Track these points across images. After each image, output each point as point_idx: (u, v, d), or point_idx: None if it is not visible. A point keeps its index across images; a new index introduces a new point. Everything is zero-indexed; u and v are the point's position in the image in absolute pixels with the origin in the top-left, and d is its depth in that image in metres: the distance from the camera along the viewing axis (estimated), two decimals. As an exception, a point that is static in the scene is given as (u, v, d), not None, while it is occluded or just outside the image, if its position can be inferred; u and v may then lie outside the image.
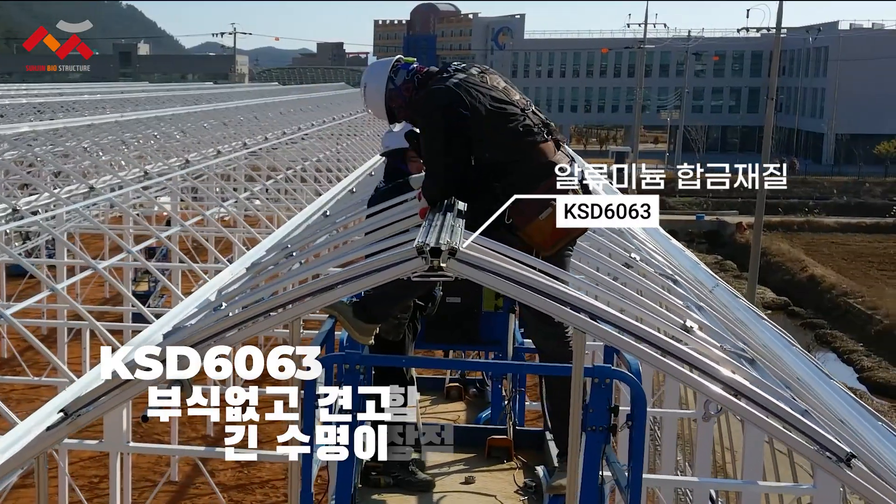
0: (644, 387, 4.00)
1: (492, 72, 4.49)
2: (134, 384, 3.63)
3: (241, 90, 62.68)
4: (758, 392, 3.26)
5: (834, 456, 3.13)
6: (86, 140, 21.02)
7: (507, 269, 3.37)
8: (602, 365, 4.03)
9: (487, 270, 3.36)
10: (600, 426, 3.78)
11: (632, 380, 3.86)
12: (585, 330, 3.31)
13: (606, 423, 3.79)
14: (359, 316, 4.30)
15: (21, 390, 13.97)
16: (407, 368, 4.92)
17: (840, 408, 4.41)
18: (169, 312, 6.15)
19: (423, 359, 4.28)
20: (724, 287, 7.78)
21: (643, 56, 61.85)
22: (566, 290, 3.35)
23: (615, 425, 3.81)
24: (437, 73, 4.46)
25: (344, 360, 4.05)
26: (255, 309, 3.62)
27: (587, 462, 3.80)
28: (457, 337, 5.58)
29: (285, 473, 12.38)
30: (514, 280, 3.33)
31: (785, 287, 35.96)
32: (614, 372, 3.90)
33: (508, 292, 3.36)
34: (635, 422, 3.80)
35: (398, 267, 3.33)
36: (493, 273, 3.36)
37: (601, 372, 3.83)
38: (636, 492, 3.72)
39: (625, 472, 3.95)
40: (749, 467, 6.22)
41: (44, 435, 3.68)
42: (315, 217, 8.37)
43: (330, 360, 4.13)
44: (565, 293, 3.34)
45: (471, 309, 5.49)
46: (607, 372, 3.87)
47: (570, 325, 3.41)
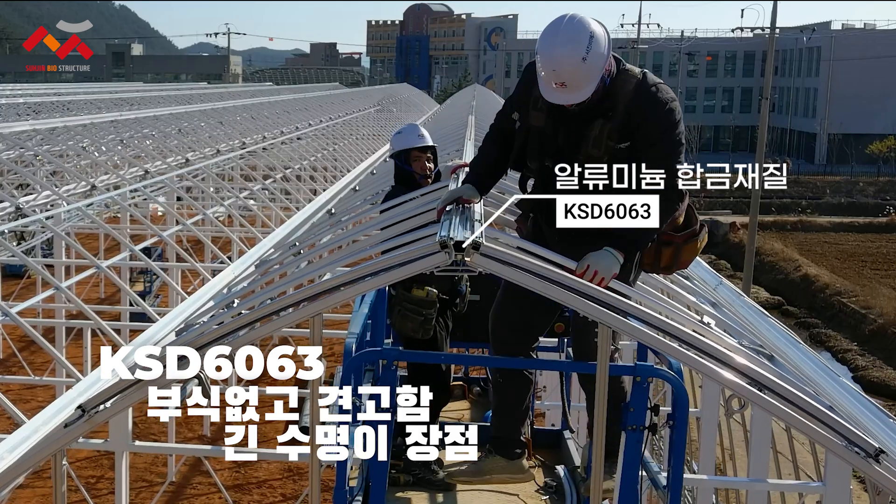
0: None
1: None
2: (153, 381, 3.60)
3: (236, 90, 62.53)
4: (785, 387, 3.24)
5: (862, 451, 3.11)
6: (84, 139, 20.94)
7: (530, 264, 3.34)
8: (644, 363, 3.92)
9: (511, 265, 3.34)
10: (640, 425, 3.70)
11: (675, 379, 3.78)
12: (609, 324, 3.28)
13: (646, 422, 3.72)
14: (500, 452, 4.31)
15: (16, 391, 13.88)
16: (447, 373, 4.88)
17: (853, 406, 4.39)
18: (173, 310, 6.10)
19: (459, 356, 4.22)
20: (727, 285, 7.78)
21: (636, 56, 61.93)
22: (591, 286, 3.33)
23: (655, 424, 3.73)
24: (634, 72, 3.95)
25: (381, 356, 3.96)
26: (273, 306, 3.59)
27: (626, 462, 3.73)
28: (475, 335, 5.54)
29: (282, 473, 12.38)
30: (538, 274, 3.31)
31: (778, 287, 36.04)
32: (657, 370, 3.81)
33: (532, 286, 3.33)
34: (677, 421, 3.72)
35: (422, 261, 3.30)
36: (516, 267, 3.33)
37: (643, 370, 3.75)
38: (676, 492, 3.66)
39: (661, 472, 3.90)
40: (755, 465, 6.20)
41: (61, 432, 3.64)
42: (319, 215, 8.33)
43: (366, 357, 4.07)
44: (591, 288, 3.32)
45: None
46: (650, 371, 3.78)
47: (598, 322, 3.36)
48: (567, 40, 3.65)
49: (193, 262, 13.95)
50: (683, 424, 3.71)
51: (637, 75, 3.86)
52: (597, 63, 3.68)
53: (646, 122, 3.78)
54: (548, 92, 3.76)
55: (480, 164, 4.22)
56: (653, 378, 3.76)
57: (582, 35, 3.66)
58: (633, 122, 3.79)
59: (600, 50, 3.69)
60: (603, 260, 3.64)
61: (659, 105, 3.81)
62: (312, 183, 21.95)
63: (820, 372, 4.92)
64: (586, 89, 3.71)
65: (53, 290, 11.29)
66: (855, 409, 4.24)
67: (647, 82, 3.84)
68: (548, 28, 3.77)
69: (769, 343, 5.15)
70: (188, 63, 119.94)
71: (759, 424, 5.92)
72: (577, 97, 3.73)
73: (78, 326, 12.49)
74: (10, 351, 15.30)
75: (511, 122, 4.10)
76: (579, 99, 3.73)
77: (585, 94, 3.72)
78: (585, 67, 3.66)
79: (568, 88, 3.69)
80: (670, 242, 4.01)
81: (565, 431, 5.08)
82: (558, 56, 3.66)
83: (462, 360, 4.17)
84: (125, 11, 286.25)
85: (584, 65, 3.64)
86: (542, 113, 3.94)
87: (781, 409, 3.23)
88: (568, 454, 4.83)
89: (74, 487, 9.43)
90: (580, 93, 3.72)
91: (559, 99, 3.74)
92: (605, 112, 3.82)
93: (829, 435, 3.16)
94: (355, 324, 4.49)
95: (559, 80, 3.67)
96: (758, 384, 3.30)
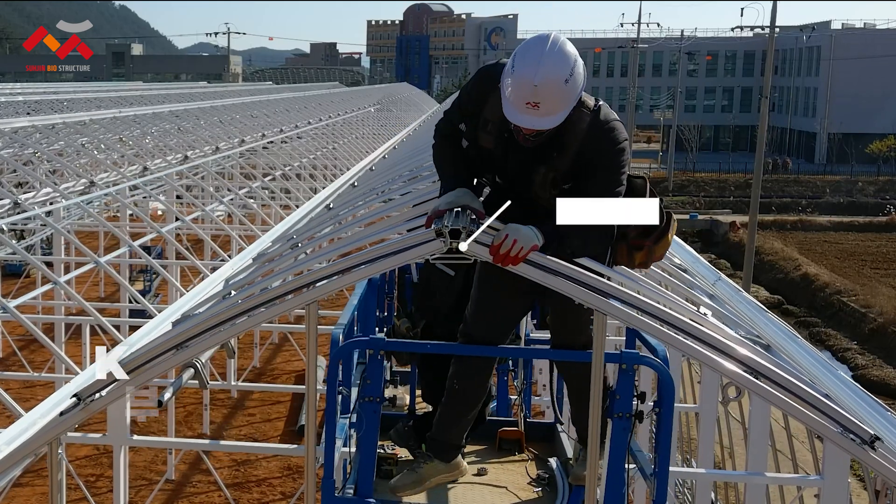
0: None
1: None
2: (146, 370, 3.60)
3: (236, 89, 62.53)
4: (781, 374, 3.24)
5: (858, 438, 3.11)
6: (83, 137, 20.95)
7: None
8: (629, 350, 3.89)
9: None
10: (626, 413, 3.68)
11: (659, 365, 3.75)
12: (608, 312, 3.28)
13: (633, 409, 3.69)
14: (438, 456, 4.22)
15: (16, 389, 13.88)
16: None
17: (848, 396, 4.39)
18: (173, 304, 6.11)
19: (448, 345, 4.18)
20: (726, 281, 7.79)
21: (636, 56, 61.96)
22: (587, 273, 3.33)
23: (641, 412, 3.70)
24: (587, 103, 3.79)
25: (368, 346, 3.94)
26: (268, 294, 3.58)
27: (613, 450, 3.72)
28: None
29: (282, 472, 12.38)
30: (536, 264, 3.31)
31: (778, 286, 36.07)
32: (642, 358, 3.79)
33: (530, 275, 3.34)
34: (663, 408, 3.70)
35: (418, 248, 3.30)
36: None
37: (629, 358, 3.72)
38: (663, 481, 3.63)
39: (649, 460, 3.89)
40: (753, 459, 6.20)
41: (57, 420, 3.64)
42: (318, 210, 8.34)
43: (353, 347, 4.06)
44: (586, 275, 3.32)
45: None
46: (635, 358, 3.75)
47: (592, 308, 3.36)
48: (553, 58, 3.48)
49: (193, 260, 13.91)
50: (669, 412, 3.70)
51: (590, 108, 3.69)
52: (575, 89, 3.53)
53: (596, 157, 3.65)
54: (514, 113, 3.53)
55: (452, 163, 3.96)
56: (638, 366, 3.75)
57: (568, 56, 3.51)
58: (582, 159, 3.66)
59: (580, 78, 3.54)
60: (522, 231, 3.45)
61: (611, 144, 3.67)
62: (312, 181, 21.96)
63: (816, 364, 4.93)
64: (559, 115, 3.53)
65: (52, 285, 11.27)
66: (850, 400, 4.25)
67: (601, 120, 3.69)
68: (529, 45, 3.57)
69: (766, 335, 5.15)
70: (188, 63, 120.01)
71: (758, 417, 5.93)
72: (547, 122, 3.52)
73: (77, 323, 12.48)
74: (10, 349, 15.30)
75: (459, 131, 3.94)
76: (548, 125, 3.53)
77: (556, 122, 3.53)
78: (565, 90, 3.49)
79: (540, 111, 3.48)
80: (641, 247, 3.98)
81: (558, 424, 5.07)
82: (542, 72, 3.45)
83: (451, 349, 4.11)
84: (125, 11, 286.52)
85: (565, 87, 3.48)
86: (491, 136, 3.77)
87: (778, 397, 3.23)
88: (561, 447, 4.82)
89: (74, 485, 9.44)
90: (551, 118, 3.52)
91: (527, 122, 3.52)
92: (556, 149, 3.67)
93: (824, 422, 3.16)
94: (344, 312, 4.48)
95: (535, 98, 3.46)
96: (754, 372, 3.31)
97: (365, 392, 3.91)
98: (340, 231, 5.83)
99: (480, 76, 3.84)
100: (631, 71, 63.90)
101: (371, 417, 3.89)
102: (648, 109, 77.55)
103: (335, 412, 3.75)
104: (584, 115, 3.65)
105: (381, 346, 3.88)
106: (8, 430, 4.41)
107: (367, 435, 3.93)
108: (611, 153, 3.66)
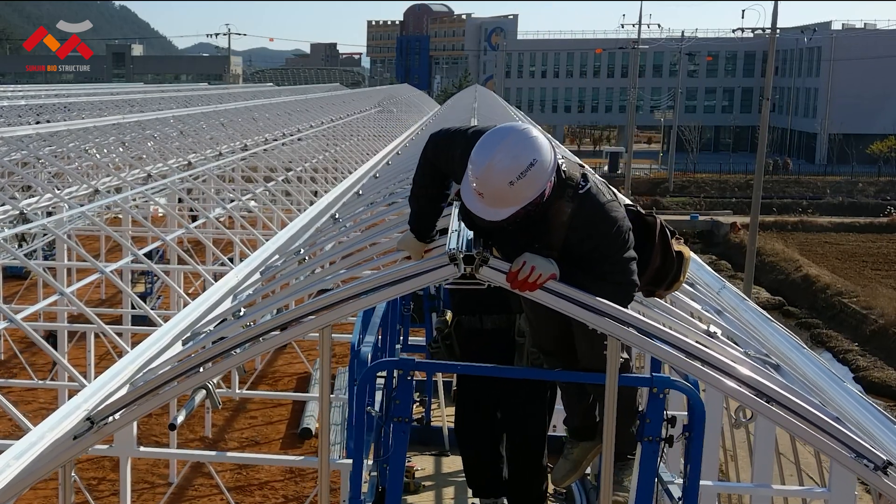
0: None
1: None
2: (163, 393, 3.60)
3: (237, 91, 62.52)
4: (792, 399, 3.25)
5: (871, 463, 3.11)
6: (86, 142, 20.97)
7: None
8: (660, 374, 3.89)
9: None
10: (656, 437, 3.67)
11: (691, 390, 3.76)
12: (621, 337, 3.28)
13: (662, 433, 3.69)
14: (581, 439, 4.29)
15: (18, 392, 13.89)
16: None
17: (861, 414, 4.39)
18: (177, 315, 6.11)
19: (476, 366, 4.18)
20: (731, 289, 7.78)
21: (637, 56, 61.92)
22: (605, 301, 3.33)
23: (671, 437, 3.70)
24: (573, 181, 3.59)
25: (397, 367, 3.91)
26: (281, 318, 3.58)
27: (643, 473, 3.71)
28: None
29: (283, 475, 12.38)
30: (550, 290, 3.31)
31: (779, 287, 36.07)
32: (674, 382, 3.77)
33: (544, 301, 3.34)
34: (693, 432, 3.70)
35: (431, 273, 3.30)
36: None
37: (661, 382, 3.70)
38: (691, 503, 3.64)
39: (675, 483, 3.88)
40: (759, 470, 6.21)
41: (70, 443, 3.64)
42: (323, 220, 8.33)
43: (382, 367, 4.05)
44: (603, 303, 3.32)
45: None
46: (667, 382, 3.73)
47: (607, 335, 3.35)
48: (505, 156, 3.29)
49: (195, 264, 13.93)
50: (700, 436, 3.69)
51: (574, 185, 3.53)
52: (523, 193, 3.31)
53: (590, 250, 3.52)
54: (467, 196, 3.44)
55: (418, 217, 3.97)
56: (669, 389, 3.74)
57: (523, 158, 3.29)
58: (578, 246, 3.52)
59: (535, 181, 3.31)
60: (541, 259, 3.38)
61: (601, 237, 3.53)
62: (314, 184, 21.95)
63: (826, 379, 4.92)
64: (503, 212, 3.35)
65: (57, 295, 11.28)
66: (863, 418, 4.24)
67: (586, 211, 3.52)
68: (495, 131, 3.43)
69: (774, 349, 5.15)
70: (188, 63, 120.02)
71: (763, 430, 5.93)
72: (492, 215, 3.37)
73: (81, 330, 12.49)
74: (11, 352, 15.30)
75: (443, 178, 3.90)
76: (494, 218, 3.38)
77: (501, 216, 3.37)
78: (509, 191, 3.30)
79: (486, 202, 3.36)
80: (652, 293, 4.03)
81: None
82: (487, 168, 3.29)
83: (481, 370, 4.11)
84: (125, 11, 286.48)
85: (508, 188, 3.29)
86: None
87: (789, 421, 3.23)
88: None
89: (76, 489, 9.44)
90: (496, 212, 3.36)
91: (475, 208, 3.40)
92: (544, 231, 3.53)
93: (836, 447, 3.15)
94: (369, 332, 4.47)
95: (480, 190, 3.34)
96: (765, 396, 3.31)
97: (394, 412, 3.93)
98: (350, 248, 5.83)
99: (457, 145, 3.72)
100: (631, 71, 63.87)
101: (400, 438, 3.92)
102: (649, 110, 77.54)
103: (364, 432, 3.74)
104: (567, 201, 3.51)
105: (411, 367, 3.86)
106: (16, 445, 4.40)
107: (397, 454, 3.96)
108: (605, 242, 3.53)
